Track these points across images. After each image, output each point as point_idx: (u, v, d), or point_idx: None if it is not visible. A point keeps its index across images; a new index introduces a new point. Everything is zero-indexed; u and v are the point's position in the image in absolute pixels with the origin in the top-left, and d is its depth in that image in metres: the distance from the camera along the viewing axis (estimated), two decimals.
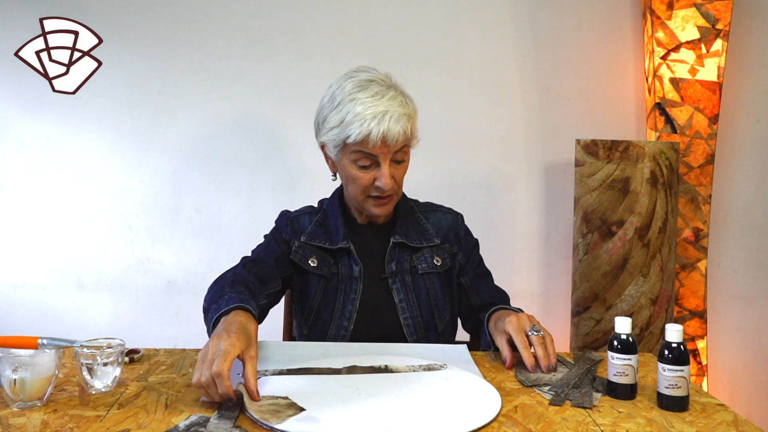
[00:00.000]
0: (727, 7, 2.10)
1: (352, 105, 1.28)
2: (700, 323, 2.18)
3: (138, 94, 2.22)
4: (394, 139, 1.27)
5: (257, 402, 0.98)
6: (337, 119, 1.30)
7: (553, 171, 2.28)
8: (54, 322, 2.24)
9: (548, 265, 2.29)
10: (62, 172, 2.23)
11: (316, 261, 1.40)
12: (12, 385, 0.98)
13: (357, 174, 1.32)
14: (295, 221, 1.46)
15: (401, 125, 1.28)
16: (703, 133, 2.13)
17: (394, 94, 1.31)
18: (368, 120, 1.26)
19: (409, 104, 1.34)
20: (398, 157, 1.32)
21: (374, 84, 1.31)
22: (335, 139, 1.32)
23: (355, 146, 1.29)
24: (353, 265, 1.40)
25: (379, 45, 2.23)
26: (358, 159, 1.31)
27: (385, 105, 1.28)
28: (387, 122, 1.26)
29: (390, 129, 1.26)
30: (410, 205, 1.49)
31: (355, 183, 1.34)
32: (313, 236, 1.42)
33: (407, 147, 1.35)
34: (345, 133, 1.29)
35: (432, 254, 1.43)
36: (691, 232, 2.16)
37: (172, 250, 2.27)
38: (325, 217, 1.45)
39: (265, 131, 2.25)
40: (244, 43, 2.23)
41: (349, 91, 1.30)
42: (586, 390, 1.08)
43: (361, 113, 1.27)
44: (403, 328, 1.38)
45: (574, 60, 2.26)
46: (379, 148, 1.28)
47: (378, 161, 1.30)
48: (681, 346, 1.02)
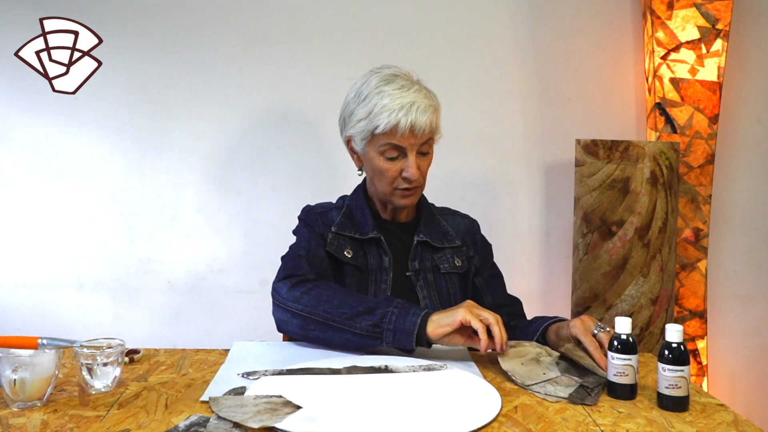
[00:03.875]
0: (727, 7, 2.10)
1: (380, 97, 1.32)
2: (700, 323, 2.18)
3: (138, 94, 2.22)
4: (421, 130, 1.31)
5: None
6: (364, 111, 1.33)
7: (553, 171, 2.28)
8: (54, 322, 2.24)
9: (548, 265, 2.29)
10: (62, 172, 2.23)
11: (351, 252, 1.41)
12: (12, 385, 0.98)
13: (384, 165, 1.35)
14: (323, 215, 1.47)
15: (428, 116, 1.31)
16: (703, 133, 2.13)
17: (419, 87, 1.36)
18: (396, 110, 1.30)
19: (433, 98, 1.37)
20: (424, 149, 1.35)
21: (399, 78, 1.36)
22: (363, 132, 1.35)
23: (383, 137, 1.33)
24: (383, 256, 1.42)
25: (379, 45, 2.23)
26: (385, 150, 1.34)
27: (412, 96, 1.31)
28: (414, 113, 1.30)
29: (417, 119, 1.30)
30: (430, 207, 1.52)
31: (383, 175, 1.36)
32: (342, 227, 1.43)
33: (432, 140, 1.37)
34: (373, 124, 1.32)
35: (453, 255, 1.46)
36: (691, 232, 2.15)
37: (172, 250, 2.26)
38: (351, 211, 1.47)
39: (265, 131, 2.25)
40: (244, 43, 2.23)
41: (376, 85, 1.34)
42: (597, 390, 1.08)
43: (389, 104, 1.30)
44: None
45: (574, 60, 2.26)
46: (407, 138, 1.31)
47: (405, 152, 1.33)
48: (681, 346, 1.02)
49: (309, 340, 1.29)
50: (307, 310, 1.25)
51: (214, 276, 2.26)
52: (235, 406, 0.97)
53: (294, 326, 1.28)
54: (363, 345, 1.22)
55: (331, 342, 1.25)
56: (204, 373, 1.16)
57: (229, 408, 0.97)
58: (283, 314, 1.29)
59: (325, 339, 1.25)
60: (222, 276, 2.25)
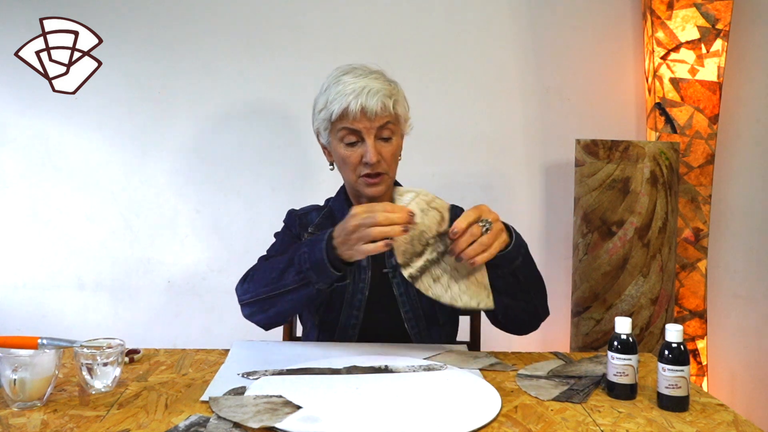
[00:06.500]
0: (727, 7, 2.10)
1: (336, 85, 1.35)
2: (700, 323, 2.18)
3: (138, 94, 2.22)
4: (372, 112, 1.31)
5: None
6: (323, 102, 1.36)
7: (553, 171, 2.28)
8: (54, 322, 2.24)
9: (548, 265, 2.28)
10: (62, 172, 2.23)
11: None
12: (12, 385, 0.98)
13: (345, 153, 1.35)
14: (303, 217, 1.49)
15: (379, 99, 1.31)
16: (703, 133, 2.13)
17: (378, 75, 1.37)
18: (347, 94, 1.32)
19: (392, 84, 1.38)
20: (384, 134, 1.35)
21: (357, 69, 1.38)
22: (324, 122, 1.37)
23: (339, 123, 1.34)
24: None
25: (378, 45, 2.23)
26: (344, 136, 1.35)
27: (365, 82, 1.33)
28: (365, 96, 1.31)
29: (367, 101, 1.31)
30: None
31: (346, 163, 1.37)
32: (320, 227, 1.44)
33: (392, 125, 1.36)
34: (329, 110, 1.34)
35: None
36: (691, 232, 2.15)
37: (172, 250, 2.27)
38: (332, 211, 1.48)
39: (265, 131, 2.25)
40: (244, 42, 2.23)
41: (335, 76, 1.37)
42: (587, 390, 1.08)
43: (342, 89, 1.33)
44: (404, 322, 1.40)
45: (574, 60, 2.26)
46: (360, 121, 1.32)
47: (363, 137, 1.33)
48: (681, 346, 1.02)
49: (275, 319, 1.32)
50: (254, 294, 1.29)
51: (214, 276, 2.26)
52: (235, 406, 0.97)
53: (256, 315, 1.32)
54: (304, 296, 1.22)
55: (285, 310, 1.28)
56: (204, 373, 1.17)
57: (229, 408, 0.97)
58: (244, 310, 1.33)
59: (281, 310, 1.28)
60: (222, 276, 2.25)
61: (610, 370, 1.07)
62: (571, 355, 1.29)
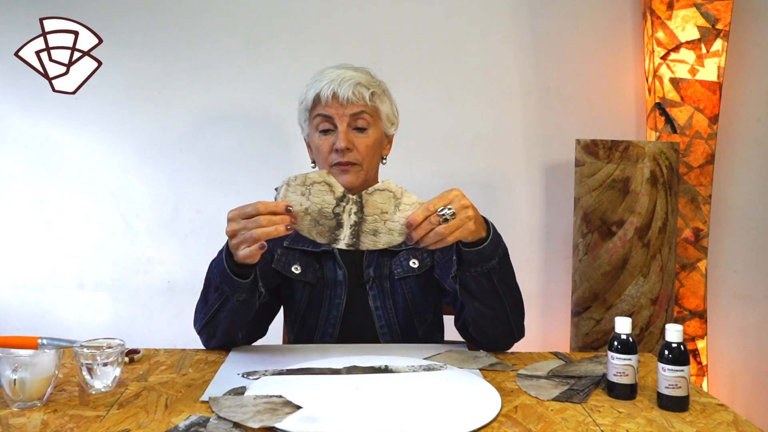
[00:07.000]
0: (727, 7, 2.10)
1: (316, 77, 1.35)
2: (700, 323, 2.18)
3: (138, 94, 2.22)
4: (345, 98, 1.29)
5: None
6: (303, 93, 1.36)
7: (553, 171, 2.28)
8: (54, 322, 2.24)
9: (548, 265, 2.29)
10: (62, 172, 2.23)
11: (299, 267, 1.38)
12: (12, 385, 0.98)
13: (319, 141, 1.33)
14: None
15: (354, 86, 1.30)
16: (703, 133, 2.13)
17: (362, 71, 1.36)
18: (322, 81, 1.31)
19: (375, 80, 1.37)
20: (358, 123, 1.32)
21: (344, 64, 1.37)
22: (303, 112, 1.36)
23: (314, 110, 1.33)
24: (337, 269, 1.38)
25: (378, 45, 2.23)
26: (318, 124, 1.33)
27: (342, 72, 1.33)
28: (338, 83, 1.30)
29: (340, 87, 1.29)
30: None
31: (319, 152, 1.34)
32: (295, 241, 1.39)
33: (368, 116, 1.33)
34: (306, 99, 1.33)
35: (408, 257, 1.38)
36: (691, 232, 2.15)
37: (172, 250, 2.27)
38: None
39: (265, 131, 2.25)
40: (244, 43, 2.23)
41: (319, 71, 1.36)
42: (587, 390, 1.08)
43: (320, 78, 1.33)
44: (379, 337, 1.37)
45: (574, 60, 2.26)
46: (332, 106, 1.30)
47: (335, 123, 1.31)
48: (681, 346, 1.02)
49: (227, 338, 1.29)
50: (199, 322, 1.28)
51: None
52: (235, 406, 0.97)
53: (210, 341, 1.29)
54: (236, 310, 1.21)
55: (228, 328, 1.25)
56: (204, 373, 1.17)
57: (229, 408, 0.97)
58: (201, 339, 1.31)
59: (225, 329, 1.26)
60: None
61: (610, 370, 1.07)
62: (571, 355, 1.28)
